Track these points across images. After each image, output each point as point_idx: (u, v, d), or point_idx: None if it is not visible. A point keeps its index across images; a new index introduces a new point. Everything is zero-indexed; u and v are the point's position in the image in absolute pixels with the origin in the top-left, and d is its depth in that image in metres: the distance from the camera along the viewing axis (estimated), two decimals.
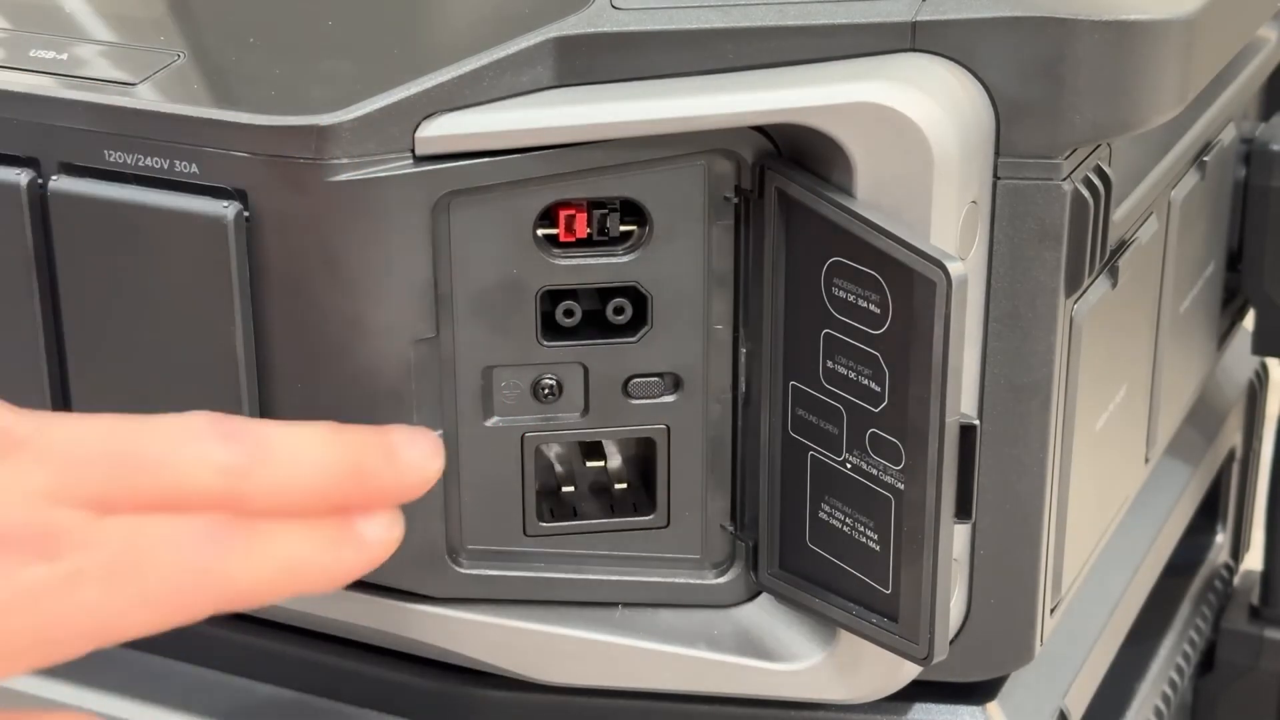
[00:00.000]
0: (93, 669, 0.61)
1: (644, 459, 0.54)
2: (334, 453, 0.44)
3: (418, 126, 0.48)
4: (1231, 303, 0.76)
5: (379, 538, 0.45)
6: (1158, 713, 0.73)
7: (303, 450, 0.44)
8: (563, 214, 0.50)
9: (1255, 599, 0.85)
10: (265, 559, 0.43)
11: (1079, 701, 0.62)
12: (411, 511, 0.52)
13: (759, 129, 0.50)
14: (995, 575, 0.54)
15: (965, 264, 0.48)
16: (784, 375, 0.52)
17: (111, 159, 0.50)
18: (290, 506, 0.43)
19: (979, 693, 0.57)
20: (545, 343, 0.51)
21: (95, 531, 0.41)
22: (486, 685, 0.57)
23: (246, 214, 0.48)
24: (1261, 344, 0.77)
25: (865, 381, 0.49)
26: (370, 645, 0.58)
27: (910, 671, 0.54)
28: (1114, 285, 0.56)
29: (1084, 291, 0.54)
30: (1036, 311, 0.51)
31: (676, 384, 0.53)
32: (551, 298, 0.51)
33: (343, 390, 0.50)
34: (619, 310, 0.51)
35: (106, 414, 0.43)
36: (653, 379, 0.52)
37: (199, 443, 0.43)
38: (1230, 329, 0.78)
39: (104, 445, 0.42)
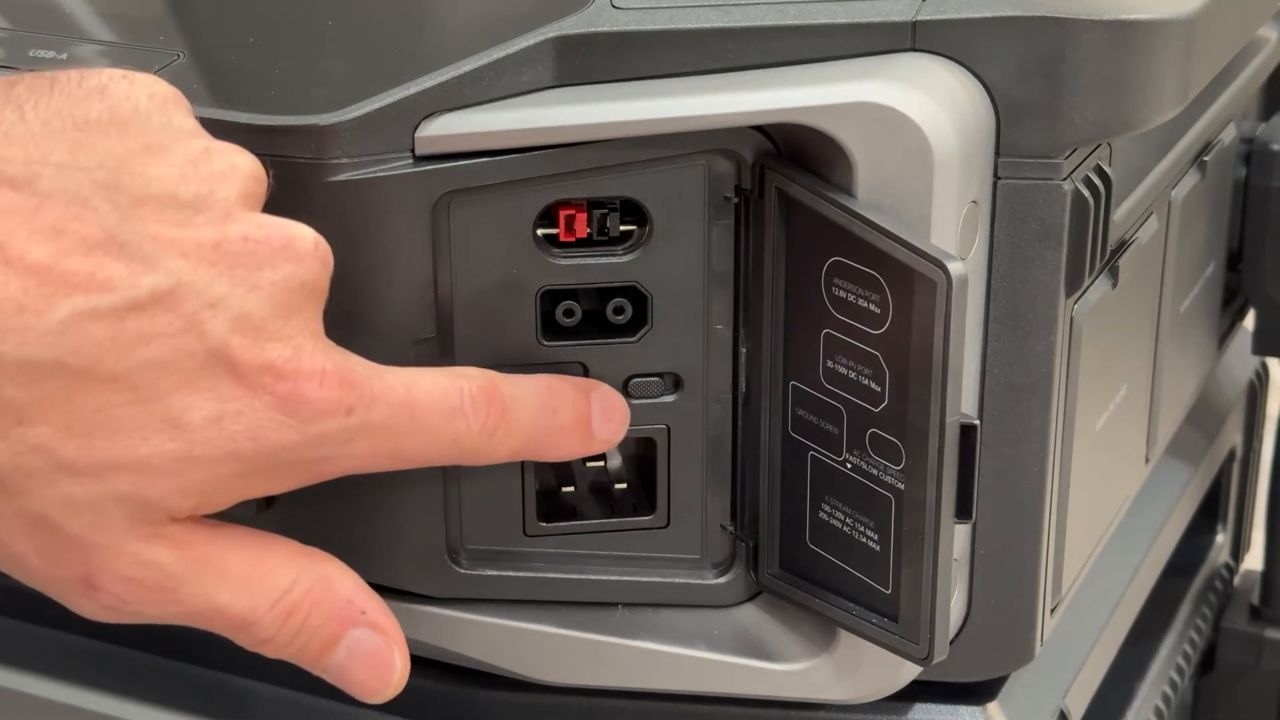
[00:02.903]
0: (93, 669, 0.61)
1: (644, 459, 0.54)
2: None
3: (418, 126, 0.48)
4: (1231, 303, 0.76)
5: (605, 440, 0.51)
6: (1158, 713, 0.73)
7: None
8: (563, 214, 0.50)
9: (1255, 599, 0.85)
10: (508, 435, 0.48)
11: (1079, 701, 0.62)
12: (411, 512, 0.53)
13: (759, 129, 0.50)
14: (995, 575, 0.54)
15: (965, 264, 0.48)
16: (784, 375, 0.52)
17: None
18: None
19: (979, 693, 0.57)
20: (545, 343, 0.51)
21: (381, 387, 0.46)
22: (486, 685, 0.57)
23: None
24: (1261, 344, 0.77)
25: (865, 381, 0.49)
26: None
27: (910, 672, 0.54)
28: (1114, 285, 0.56)
29: (1084, 291, 0.54)
30: (1036, 311, 0.51)
31: (676, 384, 0.53)
32: (551, 298, 0.51)
33: None
34: (619, 310, 0.51)
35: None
36: (653, 379, 0.52)
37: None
38: (1230, 329, 0.78)
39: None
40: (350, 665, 0.48)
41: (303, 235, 0.45)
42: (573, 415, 0.50)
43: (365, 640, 0.48)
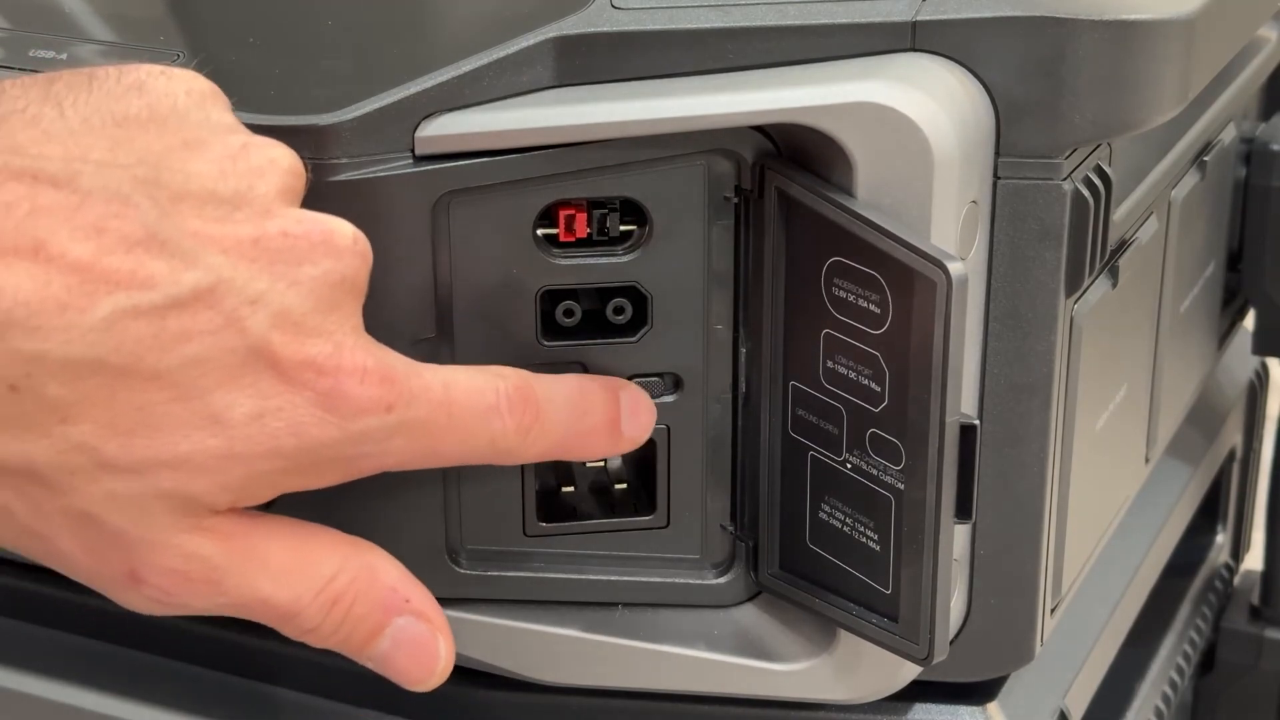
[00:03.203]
0: (93, 668, 0.61)
1: (644, 459, 0.54)
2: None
3: (418, 126, 0.48)
4: (1231, 303, 0.76)
5: (633, 439, 0.52)
6: (1158, 713, 0.73)
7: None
8: (563, 214, 0.50)
9: (1255, 599, 0.85)
10: (541, 435, 0.49)
11: (1079, 701, 0.62)
12: (411, 512, 0.53)
13: (759, 129, 0.50)
14: (995, 575, 0.54)
15: (965, 264, 0.48)
16: (784, 375, 0.52)
17: None
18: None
19: (979, 693, 0.57)
20: (545, 343, 0.51)
21: (420, 384, 0.46)
22: (486, 685, 0.57)
23: None
24: (1261, 344, 0.77)
25: (865, 381, 0.49)
26: None
27: (910, 672, 0.54)
28: (1114, 285, 0.56)
29: (1084, 291, 0.53)
30: (1036, 311, 0.51)
31: (676, 384, 0.53)
32: (551, 298, 0.51)
33: None
34: (619, 310, 0.51)
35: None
36: (653, 379, 0.52)
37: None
38: (1230, 329, 0.78)
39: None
40: (395, 654, 0.49)
41: (342, 230, 0.45)
42: (602, 415, 0.50)
43: (409, 629, 0.49)
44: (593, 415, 0.50)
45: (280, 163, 0.45)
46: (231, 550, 0.45)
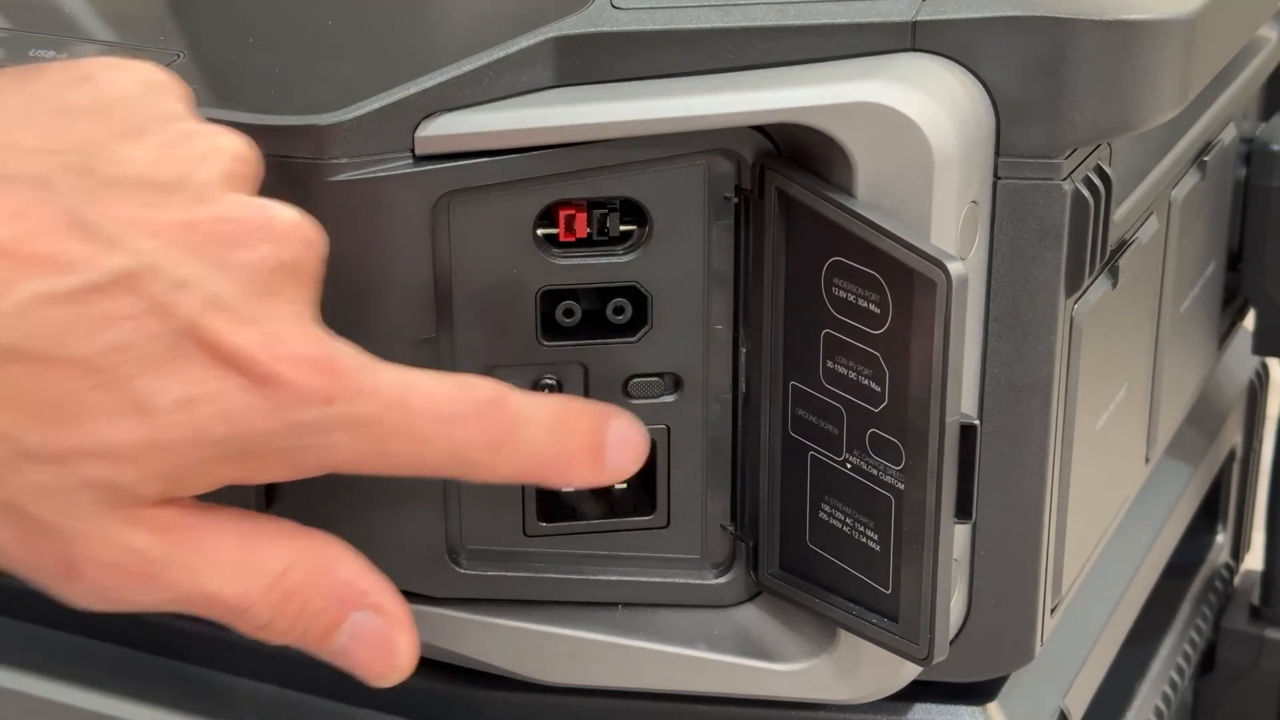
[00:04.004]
0: (93, 668, 0.61)
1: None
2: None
3: (417, 126, 0.48)
4: (1231, 303, 0.76)
5: (617, 472, 0.49)
6: (1158, 713, 0.73)
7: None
8: (563, 214, 0.50)
9: (1255, 599, 0.85)
10: (513, 453, 0.46)
11: (1079, 701, 0.62)
12: (411, 512, 0.53)
13: (759, 129, 0.50)
14: (995, 575, 0.54)
15: (965, 264, 0.48)
16: (784, 375, 0.52)
17: None
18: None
19: (979, 693, 0.57)
20: (545, 343, 0.51)
21: (371, 381, 0.44)
22: (486, 685, 0.57)
23: None
24: (1261, 344, 0.77)
25: (865, 381, 0.49)
26: None
27: (910, 672, 0.54)
28: (1114, 285, 0.56)
29: (1084, 291, 0.54)
30: (1036, 311, 0.51)
31: (676, 384, 0.53)
32: (551, 298, 0.51)
33: None
34: (619, 310, 0.51)
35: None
36: (653, 379, 0.52)
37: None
38: (1230, 329, 0.78)
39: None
40: (354, 649, 0.47)
41: (282, 215, 0.44)
42: (584, 441, 0.48)
43: (367, 623, 0.47)
44: (574, 440, 0.48)
45: (226, 150, 0.45)
46: (170, 543, 0.44)
